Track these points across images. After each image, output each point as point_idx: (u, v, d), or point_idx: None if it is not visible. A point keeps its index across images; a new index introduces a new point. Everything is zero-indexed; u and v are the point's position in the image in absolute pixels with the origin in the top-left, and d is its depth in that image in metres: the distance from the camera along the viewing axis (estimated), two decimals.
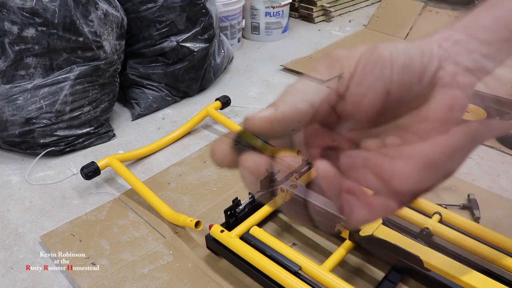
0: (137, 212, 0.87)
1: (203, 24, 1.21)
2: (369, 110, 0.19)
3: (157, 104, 1.24)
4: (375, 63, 0.19)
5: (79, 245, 0.80)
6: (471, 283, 0.63)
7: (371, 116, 0.19)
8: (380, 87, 0.19)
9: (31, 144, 1.02)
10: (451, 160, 0.18)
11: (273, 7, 1.63)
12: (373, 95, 0.19)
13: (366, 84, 0.19)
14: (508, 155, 1.03)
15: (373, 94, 0.19)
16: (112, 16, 1.04)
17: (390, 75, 0.19)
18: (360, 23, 1.85)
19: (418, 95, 0.19)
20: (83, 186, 0.95)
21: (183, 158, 1.04)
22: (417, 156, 0.18)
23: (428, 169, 0.18)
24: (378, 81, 0.19)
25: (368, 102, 0.19)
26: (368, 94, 0.19)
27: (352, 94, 0.19)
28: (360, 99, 0.19)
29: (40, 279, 0.74)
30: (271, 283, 0.67)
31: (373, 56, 0.19)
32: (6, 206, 0.91)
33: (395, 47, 0.19)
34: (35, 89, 0.97)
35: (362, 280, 0.72)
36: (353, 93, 0.19)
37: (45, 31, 0.94)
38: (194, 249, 0.78)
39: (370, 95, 0.19)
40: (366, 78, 0.19)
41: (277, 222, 0.84)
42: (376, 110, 0.19)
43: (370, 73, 0.19)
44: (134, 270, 0.75)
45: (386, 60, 0.19)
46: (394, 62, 0.19)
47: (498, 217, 0.83)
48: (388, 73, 0.18)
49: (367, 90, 0.19)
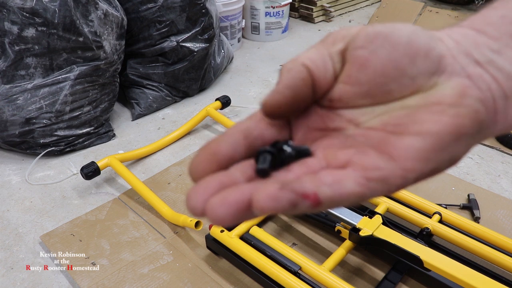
0: (137, 212, 0.87)
1: (203, 24, 1.21)
2: (373, 77, 0.19)
3: (157, 104, 1.24)
4: (376, 34, 0.19)
5: (79, 245, 0.80)
6: (471, 282, 0.63)
7: (376, 87, 0.19)
8: (384, 53, 0.19)
9: (31, 144, 1.02)
10: (458, 144, 0.18)
11: (273, 7, 1.63)
12: (376, 60, 0.19)
13: (369, 48, 0.19)
14: (508, 155, 1.03)
15: (376, 59, 0.19)
16: (112, 16, 1.04)
17: (393, 44, 0.19)
18: (360, 23, 1.85)
19: (424, 72, 0.19)
20: (83, 186, 0.95)
21: (183, 158, 1.04)
22: (426, 134, 0.18)
23: (435, 149, 0.18)
24: (381, 47, 0.19)
25: (371, 67, 0.19)
26: (371, 59, 0.19)
27: (353, 59, 0.19)
28: (363, 63, 0.19)
29: (40, 279, 0.74)
30: (271, 283, 0.67)
31: (375, 29, 0.19)
32: (6, 206, 0.91)
33: (401, 25, 0.19)
34: (35, 89, 0.97)
35: (362, 280, 0.72)
36: (355, 56, 0.19)
37: (45, 31, 0.94)
38: (194, 249, 0.78)
39: (373, 59, 0.19)
40: (369, 44, 0.19)
41: (277, 222, 0.84)
42: (380, 76, 0.19)
43: (374, 39, 0.19)
44: (134, 270, 0.75)
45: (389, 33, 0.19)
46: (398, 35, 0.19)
47: (498, 217, 0.83)
48: (393, 42, 0.19)
49: (370, 54, 0.19)
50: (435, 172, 0.19)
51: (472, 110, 0.18)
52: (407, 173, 0.18)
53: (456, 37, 0.20)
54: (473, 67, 0.19)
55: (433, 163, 0.18)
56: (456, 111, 0.18)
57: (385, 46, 0.19)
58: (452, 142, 0.18)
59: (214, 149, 0.19)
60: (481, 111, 0.18)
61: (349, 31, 0.20)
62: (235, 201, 0.17)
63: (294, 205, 0.16)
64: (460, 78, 0.19)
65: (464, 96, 0.18)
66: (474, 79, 0.19)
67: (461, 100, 0.18)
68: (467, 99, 0.18)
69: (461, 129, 0.18)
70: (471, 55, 0.19)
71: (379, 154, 0.18)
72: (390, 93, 0.19)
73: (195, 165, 0.19)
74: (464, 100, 0.18)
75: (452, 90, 0.19)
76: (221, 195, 0.17)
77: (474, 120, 0.18)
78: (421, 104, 0.19)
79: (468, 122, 0.18)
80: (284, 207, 0.16)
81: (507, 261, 0.67)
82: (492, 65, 0.19)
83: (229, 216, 0.17)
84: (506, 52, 0.20)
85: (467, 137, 0.18)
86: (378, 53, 0.19)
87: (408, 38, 0.19)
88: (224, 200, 0.17)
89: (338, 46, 0.20)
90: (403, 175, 0.18)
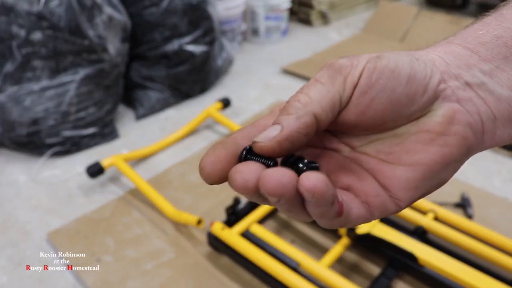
0: (141, 210, 0.90)
1: (204, 28, 1.24)
2: (372, 119, 0.19)
3: (160, 105, 1.26)
4: (380, 74, 0.19)
5: (84, 242, 0.82)
6: (464, 278, 0.65)
7: (373, 125, 0.20)
8: (385, 97, 0.19)
9: (37, 144, 1.04)
10: (446, 170, 0.19)
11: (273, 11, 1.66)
12: (377, 105, 0.19)
13: (371, 94, 0.19)
14: (500, 155, 1.05)
15: (377, 104, 0.19)
16: (116, 20, 1.06)
17: (395, 86, 0.19)
18: (357, 27, 1.87)
19: (421, 107, 0.19)
20: (88, 185, 0.98)
21: (185, 158, 1.06)
22: (416, 164, 0.19)
23: (425, 177, 0.19)
24: (383, 92, 0.19)
25: (372, 112, 0.19)
26: (372, 105, 0.19)
27: (356, 104, 0.19)
28: (364, 109, 0.19)
29: (47, 275, 0.76)
30: (271, 279, 0.69)
31: (378, 67, 0.19)
32: (14, 204, 0.93)
33: (400, 58, 0.19)
34: (41, 91, 1.00)
35: (359, 276, 0.74)
36: (357, 103, 0.19)
37: (51, 35, 0.96)
38: (196, 246, 0.80)
39: (374, 105, 0.19)
40: (371, 88, 0.19)
41: (276, 220, 0.86)
42: (379, 120, 0.19)
43: (376, 83, 0.19)
44: (138, 266, 0.77)
45: (391, 71, 0.19)
46: (399, 73, 0.19)
47: (491, 215, 0.86)
48: (393, 84, 0.19)
49: (371, 101, 0.19)
50: (425, 195, 0.20)
51: (460, 137, 0.19)
52: (400, 202, 0.19)
53: (447, 58, 0.20)
54: (463, 90, 0.20)
55: (423, 190, 0.19)
56: (444, 140, 0.19)
57: (386, 90, 0.19)
58: (441, 170, 0.19)
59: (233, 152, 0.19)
60: (469, 137, 0.19)
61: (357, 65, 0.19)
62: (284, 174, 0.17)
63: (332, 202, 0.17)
64: (450, 103, 0.19)
65: (453, 123, 0.19)
66: (463, 103, 0.19)
67: (450, 128, 0.19)
68: (456, 126, 0.19)
69: (449, 158, 0.19)
70: (462, 77, 0.20)
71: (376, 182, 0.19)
72: (385, 126, 0.20)
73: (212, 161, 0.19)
74: (453, 128, 0.19)
75: (442, 117, 0.19)
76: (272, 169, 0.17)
77: (463, 147, 0.19)
78: (412, 131, 0.19)
79: (456, 150, 0.19)
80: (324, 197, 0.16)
81: (500, 257, 0.69)
82: (482, 88, 0.20)
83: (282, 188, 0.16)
84: (497, 75, 0.20)
85: (455, 163, 0.19)
86: (378, 100, 0.19)
87: (408, 77, 0.19)
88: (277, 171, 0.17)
89: (347, 92, 0.19)
90: (396, 203, 0.19)
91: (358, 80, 0.19)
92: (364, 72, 0.19)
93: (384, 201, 0.19)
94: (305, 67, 1.48)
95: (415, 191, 0.19)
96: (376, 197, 0.19)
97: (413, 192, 0.19)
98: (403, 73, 0.19)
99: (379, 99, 0.19)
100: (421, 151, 0.19)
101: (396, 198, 0.19)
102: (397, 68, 0.19)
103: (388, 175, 0.19)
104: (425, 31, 1.63)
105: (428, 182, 0.19)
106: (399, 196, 0.19)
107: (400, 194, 0.19)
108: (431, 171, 0.19)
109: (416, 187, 0.19)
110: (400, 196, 0.19)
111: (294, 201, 0.17)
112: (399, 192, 0.19)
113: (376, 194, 0.19)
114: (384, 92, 0.19)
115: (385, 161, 0.20)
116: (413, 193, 0.19)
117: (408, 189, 0.19)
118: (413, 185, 0.19)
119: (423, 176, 0.19)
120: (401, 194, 0.19)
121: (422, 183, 0.19)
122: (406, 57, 0.19)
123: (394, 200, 0.20)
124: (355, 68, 0.19)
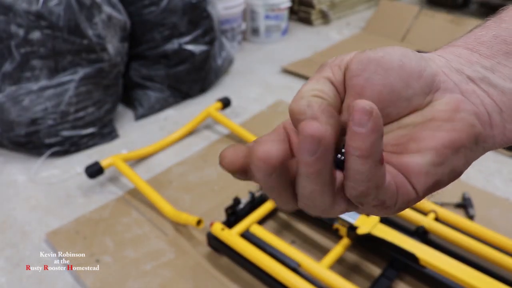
0: (140, 211, 0.89)
1: (204, 27, 1.24)
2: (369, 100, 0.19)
3: (159, 105, 1.26)
4: (370, 60, 0.19)
5: (83, 243, 0.82)
6: (465, 279, 0.64)
7: None
8: (378, 79, 0.19)
9: (36, 144, 1.04)
10: (456, 156, 0.19)
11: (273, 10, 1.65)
12: (372, 86, 0.19)
13: (363, 76, 0.19)
14: (501, 154, 1.05)
15: (372, 85, 0.19)
16: (115, 19, 1.06)
17: (387, 69, 0.19)
18: (358, 26, 1.87)
19: (419, 92, 0.19)
20: (87, 185, 0.97)
21: (184, 158, 1.06)
22: (424, 150, 0.19)
23: (435, 162, 0.19)
24: (375, 73, 0.19)
25: (368, 92, 0.19)
26: (367, 85, 0.19)
27: (350, 86, 0.19)
28: (360, 90, 0.19)
29: (46, 276, 0.76)
30: (271, 280, 0.69)
31: (367, 54, 0.19)
32: (13, 204, 0.93)
33: (391, 48, 0.19)
34: (40, 91, 1.00)
35: (359, 277, 0.74)
36: (351, 85, 0.19)
37: (50, 34, 0.96)
38: (196, 246, 0.80)
39: (369, 86, 0.19)
40: (363, 71, 0.19)
41: (276, 220, 0.86)
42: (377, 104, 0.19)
43: (367, 67, 0.19)
44: (137, 266, 0.77)
45: (381, 57, 0.19)
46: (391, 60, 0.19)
47: (492, 215, 0.85)
48: (385, 67, 0.19)
49: (365, 81, 0.19)
50: (438, 185, 0.19)
51: (467, 124, 0.19)
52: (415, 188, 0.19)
53: (448, 56, 0.21)
54: (466, 84, 0.20)
55: (435, 176, 0.19)
56: (451, 125, 0.19)
57: (378, 72, 0.19)
58: (450, 155, 0.19)
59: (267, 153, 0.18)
60: (476, 125, 0.19)
61: (343, 59, 0.20)
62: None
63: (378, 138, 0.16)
64: (454, 94, 0.19)
65: (458, 111, 0.19)
66: (467, 95, 0.19)
67: (456, 115, 0.19)
68: (461, 113, 0.19)
69: (457, 142, 0.19)
70: (464, 72, 0.20)
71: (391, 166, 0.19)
72: (388, 116, 0.20)
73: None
74: (458, 115, 0.19)
75: (446, 105, 0.19)
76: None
77: (470, 133, 0.19)
78: (418, 122, 0.19)
79: (464, 135, 0.19)
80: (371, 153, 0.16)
81: (501, 258, 0.69)
82: (485, 81, 0.20)
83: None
84: (499, 69, 0.20)
85: (465, 150, 0.19)
86: (372, 80, 0.19)
87: (399, 61, 0.19)
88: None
89: (337, 77, 0.20)
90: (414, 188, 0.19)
91: (347, 66, 0.19)
92: (353, 59, 0.19)
93: (405, 183, 0.19)
94: (305, 66, 1.48)
95: (427, 176, 0.19)
96: (397, 177, 0.19)
97: (425, 177, 0.19)
98: (395, 59, 0.19)
99: (372, 80, 0.19)
100: (428, 137, 0.19)
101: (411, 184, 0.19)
102: (388, 55, 0.19)
103: (397, 162, 0.19)
104: (426, 31, 1.62)
105: (440, 169, 0.19)
106: (413, 182, 0.19)
107: (413, 180, 0.19)
108: (440, 155, 0.19)
109: (428, 173, 0.19)
110: (414, 182, 0.19)
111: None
112: (413, 179, 0.19)
113: (397, 174, 0.19)
114: (376, 74, 0.19)
115: (393, 152, 0.20)
116: (426, 179, 0.19)
117: (420, 175, 0.19)
118: (424, 170, 0.19)
119: (432, 161, 0.19)
120: (415, 180, 0.19)
121: (433, 169, 0.19)
122: (400, 49, 0.20)
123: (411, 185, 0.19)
124: (342, 60, 0.20)
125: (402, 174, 0.19)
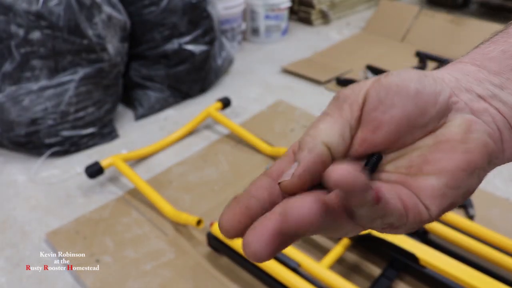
0: (140, 211, 0.89)
1: (204, 27, 1.24)
2: (387, 134, 0.19)
3: (159, 105, 1.26)
4: (388, 90, 0.19)
5: (83, 243, 0.82)
6: (466, 279, 0.64)
7: (390, 141, 0.20)
8: (396, 111, 0.19)
9: (36, 144, 1.04)
10: (471, 178, 0.19)
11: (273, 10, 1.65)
12: (390, 118, 0.19)
13: (381, 109, 0.19)
14: None
15: (390, 117, 0.19)
16: (115, 19, 1.06)
17: (404, 100, 0.19)
18: (358, 26, 1.87)
19: (434, 118, 0.19)
20: (87, 185, 0.97)
21: (185, 158, 1.06)
22: (440, 172, 0.18)
23: (451, 185, 0.18)
24: (393, 106, 0.19)
25: (386, 126, 0.19)
26: (385, 118, 0.19)
27: (367, 120, 0.19)
28: (378, 124, 0.19)
29: (46, 276, 0.76)
30: (271, 280, 0.69)
31: (384, 83, 0.19)
32: (13, 204, 0.93)
33: (407, 74, 0.19)
34: (40, 91, 1.00)
35: (359, 277, 0.74)
36: (369, 119, 0.19)
37: (50, 34, 0.96)
38: (196, 246, 0.80)
39: (387, 118, 0.19)
40: (381, 104, 0.19)
41: None
42: (394, 134, 0.19)
43: (385, 99, 0.19)
44: (137, 266, 0.77)
45: (397, 85, 0.19)
46: (407, 87, 0.19)
47: (492, 216, 0.85)
48: (403, 98, 0.19)
49: (383, 114, 0.19)
50: (452, 206, 0.19)
51: (481, 144, 0.19)
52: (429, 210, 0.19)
53: (456, 75, 0.21)
54: (477, 102, 0.20)
55: (451, 198, 0.19)
56: (465, 147, 0.19)
57: (396, 104, 0.19)
58: (466, 177, 0.19)
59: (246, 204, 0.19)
60: (489, 144, 0.19)
61: (360, 91, 0.20)
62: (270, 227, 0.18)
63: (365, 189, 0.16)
64: (465, 114, 0.19)
65: (471, 131, 0.19)
66: (478, 114, 0.19)
67: (469, 136, 0.19)
68: (474, 133, 0.19)
69: (472, 164, 0.19)
70: (473, 90, 0.20)
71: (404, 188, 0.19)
72: (403, 143, 0.20)
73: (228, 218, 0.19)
74: (472, 135, 0.19)
75: (459, 127, 0.19)
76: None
77: (484, 153, 0.19)
78: (431, 144, 0.19)
79: (479, 156, 0.19)
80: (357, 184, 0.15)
81: (501, 258, 0.69)
82: (495, 99, 0.20)
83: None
84: (508, 86, 0.20)
85: (479, 170, 0.19)
86: (390, 113, 0.19)
87: (416, 90, 0.19)
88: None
89: (354, 114, 0.20)
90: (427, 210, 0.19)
91: (364, 101, 0.19)
92: (370, 91, 0.19)
93: (417, 203, 0.19)
94: (306, 66, 1.48)
95: (442, 199, 0.19)
96: (409, 198, 0.19)
97: (440, 199, 0.19)
98: (411, 86, 0.19)
99: (390, 113, 0.19)
100: (443, 159, 0.19)
101: (425, 205, 0.19)
102: (404, 82, 0.19)
103: (412, 185, 0.19)
104: (426, 31, 1.62)
105: (455, 191, 0.19)
106: (427, 204, 0.19)
107: (428, 202, 0.19)
108: (456, 178, 0.19)
109: (443, 195, 0.19)
110: (428, 203, 0.19)
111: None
112: (427, 200, 0.19)
113: (409, 195, 0.19)
114: (393, 107, 0.19)
115: (407, 174, 0.20)
116: (441, 200, 0.19)
117: (435, 197, 0.19)
118: (440, 193, 0.19)
119: (448, 184, 0.19)
120: (429, 202, 0.19)
121: (450, 191, 0.19)
122: (414, 73, 0.20)
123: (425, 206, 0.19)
124: (359, 93, 0.20)
125: (415, 195, 0.19)
